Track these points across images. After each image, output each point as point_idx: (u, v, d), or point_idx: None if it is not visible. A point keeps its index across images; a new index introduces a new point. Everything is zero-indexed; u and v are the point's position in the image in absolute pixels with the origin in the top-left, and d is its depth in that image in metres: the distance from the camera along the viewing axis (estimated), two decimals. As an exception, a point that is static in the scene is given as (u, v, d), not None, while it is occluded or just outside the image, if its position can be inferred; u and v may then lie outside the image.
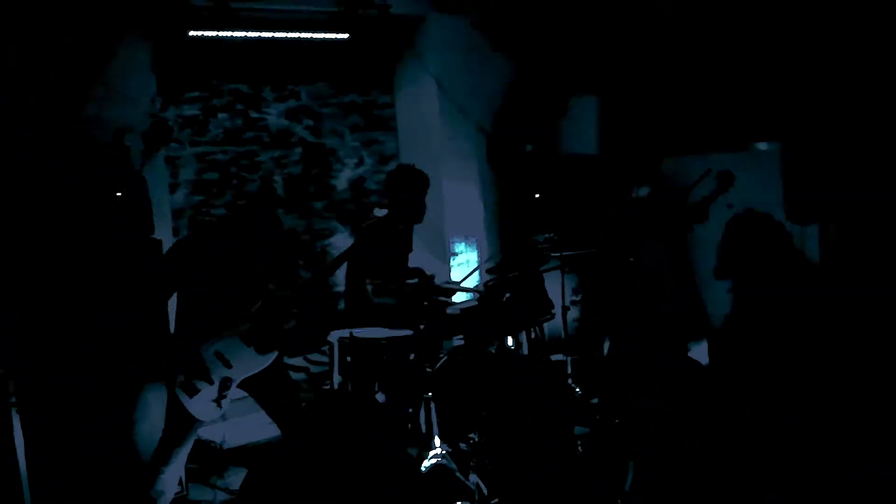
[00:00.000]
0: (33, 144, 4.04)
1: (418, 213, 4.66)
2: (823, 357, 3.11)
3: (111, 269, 4.04)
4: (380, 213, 4.71)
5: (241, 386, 3.73)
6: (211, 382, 3.57)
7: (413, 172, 4.63)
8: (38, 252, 3.93)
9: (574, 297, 5.61)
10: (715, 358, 5.08)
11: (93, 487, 3.96)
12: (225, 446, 4.75)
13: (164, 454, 3.69)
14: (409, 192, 4.59)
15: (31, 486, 3.72)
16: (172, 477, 3.73)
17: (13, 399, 3.67)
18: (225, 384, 3.59)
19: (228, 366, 3.61)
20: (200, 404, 3.58)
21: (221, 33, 5.34)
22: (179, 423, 3.67)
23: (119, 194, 4.16)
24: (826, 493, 2.93)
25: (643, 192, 5.41)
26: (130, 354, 4.12)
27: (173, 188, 5.35)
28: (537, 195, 5.83)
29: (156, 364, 4.02)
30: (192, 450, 3.92)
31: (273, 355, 3.72)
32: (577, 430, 4.54)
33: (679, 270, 5.31)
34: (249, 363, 3.66)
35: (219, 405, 3.60)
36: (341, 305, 6.08)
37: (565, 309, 5.17)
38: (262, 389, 3.83)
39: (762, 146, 5.83)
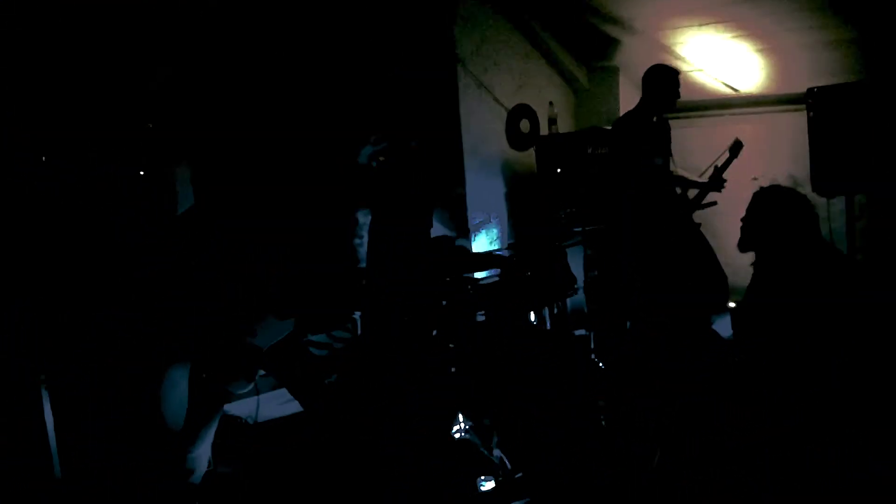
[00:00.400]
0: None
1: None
2: (834, 345, 3.07)
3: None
4: None
5: (262, 367, 3.76)
6: (240, 354, 3.61)
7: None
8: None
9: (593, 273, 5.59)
10: (737, 331, 5.05)
11: (123, 462, 4.02)
12: (251, 421, 4.80)
13: (191, 435, 3.74)
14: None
15: (61, 463, 3.78)
16: (202, 455, 3.79)
17: (42, 377, 3.72)
18: (253, 354, 3.63)
19: (253, 334, 3.65)
20: (232, 377, 3.63)
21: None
22: (205, 402, 3.72)
23: (141, 173, 4.18)
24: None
25: (658, 161, 5.38)
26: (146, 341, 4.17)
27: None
28: (558, 170, 5.80)
29: (183, 342, 4.06)
30: (220, 425, 3.97)
31: (292, 321, 3.75)
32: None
33: (692, 250, 5.29)
34: (272, 330, 3.69)
35: (250, 378, 3.64)
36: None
37: (588, 284, 5.15)
38: (282, 369, 3.86)
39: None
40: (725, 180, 5.20)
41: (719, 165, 5.20)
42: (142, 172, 4.16)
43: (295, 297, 3.82)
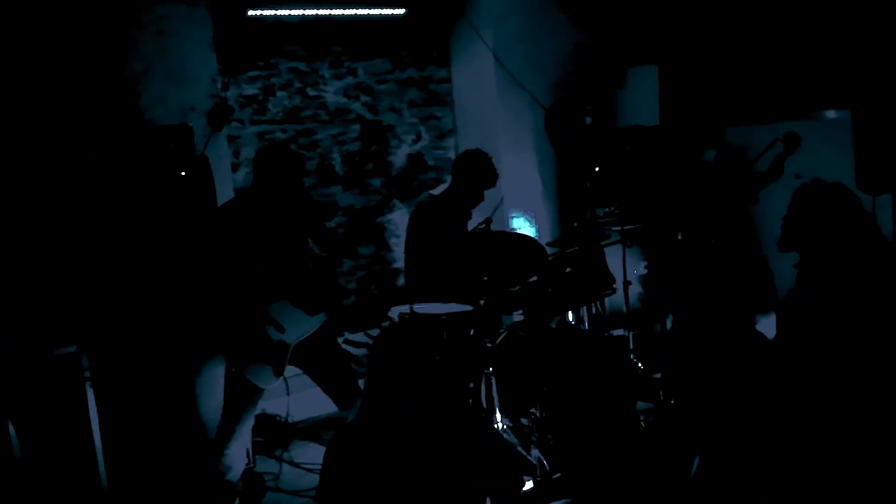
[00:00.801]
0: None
1: (474, 202, 4.64)
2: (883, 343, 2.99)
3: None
4: (434, 191, 4.70)
5: (294, 362, 3.78)
6: (268, 349, 3.63)
7: (485, 166, 4.58)
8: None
9: (636, 271, 5.54)
10: (781, 333, 4.96)
11: (165, 460, 4.07)
12: (290, 420, 4.85)
13: (226, 432, 3.77)
14: (475, 184, 4.57)
15: (105, 460, 3.84)
16: (238, 452, 3.82)
17: (87, 374, 3.78)
18: (281, 349, 3.64)
19: (281, 330, 3.67)
20: (260, 372, 3.65)
21: (278, 11, 5.39)
22: (239, 399, 3.75)
23: (183, 174, 4.22)
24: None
25: (709, 156, 5.29)
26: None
27: (235, 167, 5.43)
28: (597, 168, 5.76)
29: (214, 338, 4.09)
30: (258, 423, 3.99)
31: (322, 317, 3.76)
32: (639, 405, 4.53)
33: (742, 246, 5.20)
34: (301, 326, 3.71)
35: (277, 372, 3.66)
36: (401, 281, 6.14)
37: (627, 283, 5.11)
38: (314, 364, 3.87)
39: (831, 114, 5.65)
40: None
41: (778, 155, 5.04)
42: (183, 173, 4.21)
43: (325, 293, 3.83)
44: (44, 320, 3.81)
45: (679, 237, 5.18)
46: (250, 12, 5.28)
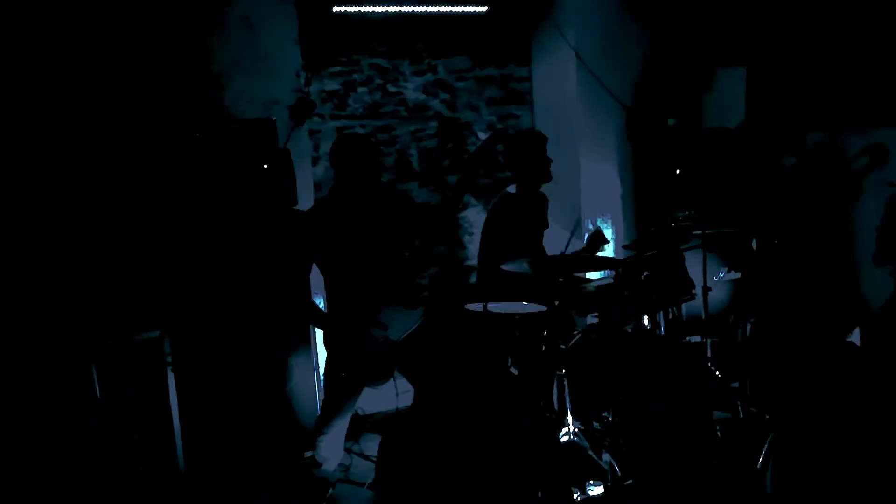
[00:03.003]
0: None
1: (543, 171, 4.61)
2: None
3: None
4: (510, 189, 4.69)
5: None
6: (378, 346, 3.70)
7: (525, 135, 4.61)
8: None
9: (716, 277, 5.41)
10: (868, 344, 4.79)
11: (246, 449, 4.14)
12: (360, 413, 4.88)
13: (324, 424, 3.84)
14: (527, 155, 4.58)
15: (184, 445, 3.93)
16: (333, 444, 3.89)
17: (169, 359, 3.87)
18: (390, 350, 3.71)
19: (384, 328, 3.72)
20: (371, 368, 3.73)
21: (363, 8, 5.44)
22: (341, 392, 3.82)
23: (265, 166, 4.30)
24: None
25: (789, 161, 5.14)
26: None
27: (315, 161, 5.50)
28: (678, 171, 5.64)
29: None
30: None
31: (420, 311, 3.81)
32: (717, 414, 4.42)
33: (828, 251, 5.04)
34: (402, 321, 3.76)
35: (389, 373, 3.73)
36: (473, 279, 6.12)
37: (706, 289, 4.98)
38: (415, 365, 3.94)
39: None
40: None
41: (858, 171, 4.83)
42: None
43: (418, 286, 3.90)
44: (127, 305, 3.93)
45: (768, 242, 5.04)
46: (335, 9, 5.35)
